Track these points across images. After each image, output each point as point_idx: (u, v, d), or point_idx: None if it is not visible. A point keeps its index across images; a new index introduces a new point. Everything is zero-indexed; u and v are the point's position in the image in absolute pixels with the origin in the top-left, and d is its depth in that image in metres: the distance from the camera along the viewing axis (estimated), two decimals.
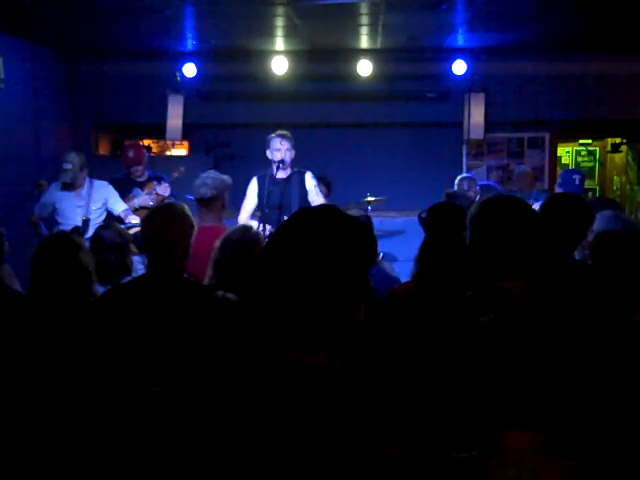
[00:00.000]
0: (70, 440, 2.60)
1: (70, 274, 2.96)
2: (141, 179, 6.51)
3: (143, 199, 6.32)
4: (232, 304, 2.43)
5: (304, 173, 5.90)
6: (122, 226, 5.83)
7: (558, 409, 1.47)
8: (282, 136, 5.79)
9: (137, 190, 6.42)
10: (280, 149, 5.75)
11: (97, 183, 6.37)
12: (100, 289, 3.34)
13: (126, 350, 2.76)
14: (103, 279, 3.62)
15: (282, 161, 5.70)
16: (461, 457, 1.58)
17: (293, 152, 5.85)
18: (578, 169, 9.80)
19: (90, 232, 5.98)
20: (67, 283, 2.95)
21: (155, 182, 6.39)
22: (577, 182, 6.22)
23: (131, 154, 6.50)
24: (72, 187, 6.21)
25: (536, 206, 6.39)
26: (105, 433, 2.52)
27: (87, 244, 3.61)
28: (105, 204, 6.29)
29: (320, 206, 1.52)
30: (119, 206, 6.27)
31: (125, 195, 6.40)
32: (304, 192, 5.82)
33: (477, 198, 6.32)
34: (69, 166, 6.13)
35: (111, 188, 6.37)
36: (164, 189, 6.30)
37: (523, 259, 2.21)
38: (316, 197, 5.87)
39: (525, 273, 2.21)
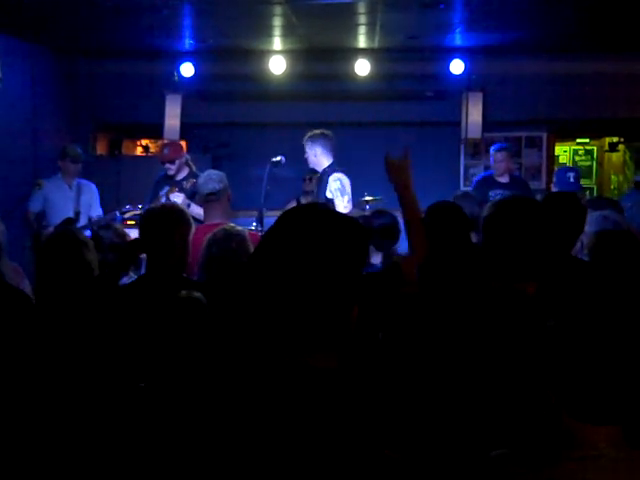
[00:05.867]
0: (69, 438, 2.60)
1: (74, 270, 2.96)
2: (178, 178, 6.43)
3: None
4: (198, 302, 2.44)
5: (329, 174, 5.84)
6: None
7: (634, 402, 1.46)
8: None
9: (166, 189, 6.38)
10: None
11: (84, 182, 6.79)
12: None
13: (125, 349, 2.77)
14: None
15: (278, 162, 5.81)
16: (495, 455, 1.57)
17: (315, 151, 5.97)
18: (573, 167, 9.79)
19: (82, 223, 6.14)
20: (71, 279, 2.94)
21: (177, 187, 6.28)
22: (572, 180, 6.19)
23: (165, 151, 6.48)
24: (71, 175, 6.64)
25: None
26: (103, 432, 2.53)
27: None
28: (90, 204, 6.66)
29: (308, 206, 1.52)
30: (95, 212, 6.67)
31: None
32: (324, 194, 5.76)
33: None
34: (80, 150, 6.75)
35: (97, 193, 6.83)
36: (176, 196, 6.20)
37: (535, 260, 2.19)
38: (336, 201, 5.73)
39: (536, 274, 2.20)
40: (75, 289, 2.95)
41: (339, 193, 5.81)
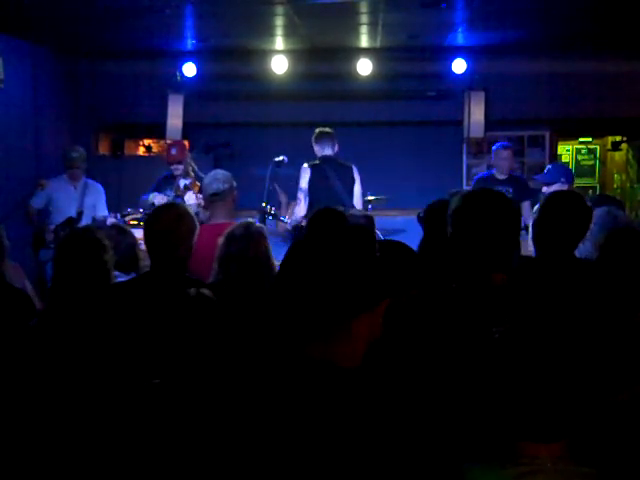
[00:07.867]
0: (75, 437, 2.60)
1: (90, 270, 2.94)
2: (188, 181, 6.38)
3: (160, 198, 6.20)
4: (208, 300, 2.42)
5: None
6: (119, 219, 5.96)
7: (578, 419, 1.45)
8: None
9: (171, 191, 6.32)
10: None
11: (91, 182, 6.73)
12: None
13: (126, 346, 2.77)
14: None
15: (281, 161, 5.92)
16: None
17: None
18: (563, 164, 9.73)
19: (84, 223, 6.13)
20: (86, 279, 2.92)
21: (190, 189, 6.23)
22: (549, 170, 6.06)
23: (173, 152, 6.40)
24: (72, 178, 6.55)
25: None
26: (109, 428, 2.53)
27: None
28: (95, 204, 6.59)
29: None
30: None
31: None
32: None
33: None
34: (76, 154, 6.58)
35: (103, 194, 6.74)
36: (190, 197, 6.13)
37: (504, 252, 2.23)
38: None
39: (506, 266, 2.24)
40: (90, 289, 2.93)
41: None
